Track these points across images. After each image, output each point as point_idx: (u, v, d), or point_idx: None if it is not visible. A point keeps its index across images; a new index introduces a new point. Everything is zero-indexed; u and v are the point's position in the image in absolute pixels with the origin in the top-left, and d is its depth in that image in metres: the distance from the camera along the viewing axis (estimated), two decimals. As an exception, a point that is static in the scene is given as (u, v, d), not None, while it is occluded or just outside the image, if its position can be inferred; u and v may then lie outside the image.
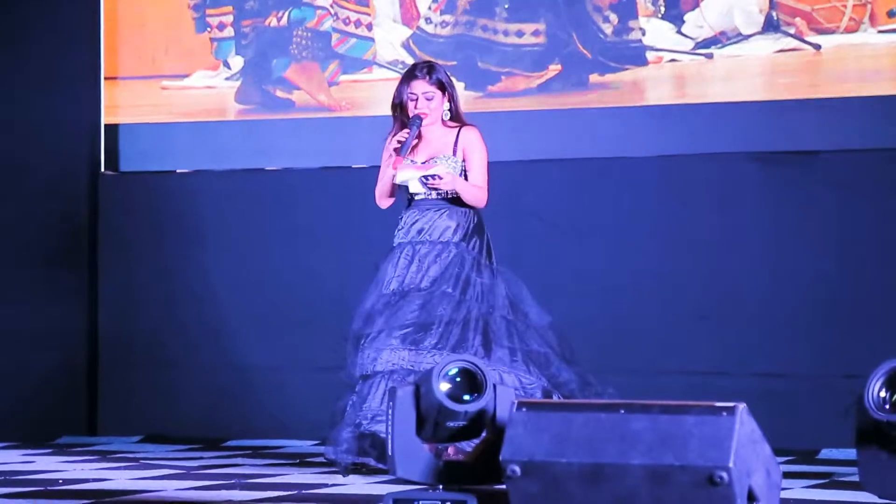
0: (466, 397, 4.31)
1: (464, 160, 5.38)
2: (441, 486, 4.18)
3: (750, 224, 6.59)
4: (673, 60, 6.77)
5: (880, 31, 6.51)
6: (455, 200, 5.40)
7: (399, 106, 5.44)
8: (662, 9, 6.79)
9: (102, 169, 7.47)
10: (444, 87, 5.41)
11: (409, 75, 5.43)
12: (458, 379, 4.34)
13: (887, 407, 4.08)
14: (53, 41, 7.42)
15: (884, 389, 4.09)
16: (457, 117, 5.47)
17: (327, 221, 7.15)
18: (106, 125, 7.47)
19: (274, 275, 7.19)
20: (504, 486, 3.69)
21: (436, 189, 5.34)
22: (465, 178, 5.37)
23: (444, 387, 4.32)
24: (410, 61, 7.11)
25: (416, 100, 5.39)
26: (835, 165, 6.49)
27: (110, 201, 7.45)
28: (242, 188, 7.29)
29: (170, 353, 7.30)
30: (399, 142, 5.37)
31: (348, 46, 7.22)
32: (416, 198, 5.43)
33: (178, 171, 7.43)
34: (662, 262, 6.66)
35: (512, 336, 5.27)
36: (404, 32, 7.14)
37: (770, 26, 6.65)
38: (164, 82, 7.45)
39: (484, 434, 4.29)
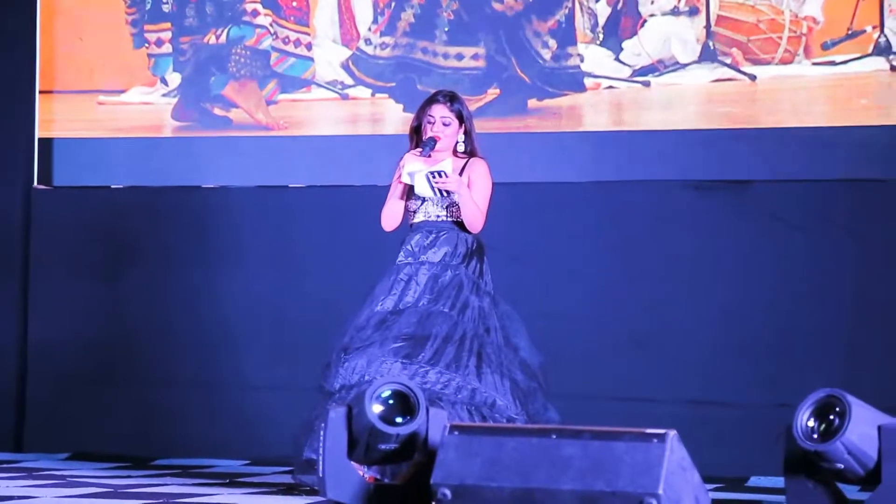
0: (399, 420, 4.30)
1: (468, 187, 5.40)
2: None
3: (684, 251, 6.63)
4: (611, 87, 6.82)
5: (814, 64, 6.59)
6: (457, 224, 5.42)
7: (416, 130, 5.48)
8: (601, 36, 6.84)
9: (35, 183, 7.40)
10: (462, 118, 5.44)
11: (431, 100, 5.48)
12: (391, 401, 4.34)
13: (815, 437, 4.12)
14: (-12, 53, 7.36)
15: (812, 419, 4.13)
16: (470, 153, 5.49)
17: (262, 240, 7.12)
18: (40, 139, 7.40)
19: (206, 291, 7.15)
20: (434, 510, 3.69)
21: (441, 189, 5.32)
22: None
23: (377, 409, 4.31)
24: (350, 82, 7.12)
25: (434, 123, 5.42)
26: (768, 195, 6.55)
27: (43, 216, 7.37)
28: (178, 205, 7.24)
29: (99, 369, 7.23)
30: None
31: (287, 65, 7.21)
32: (417, 219, 5.44)
33: (112, 186, 7.37)
34: (596, 287, 6.69)
35: (502, 364, 5.27)
36: (344, 53, 7.14)
37: (707, 56, 6.71)
38: (101, 97, 7.40)
39: (415, 457, 4.28)
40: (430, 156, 5.39)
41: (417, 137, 5.49)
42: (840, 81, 6.55)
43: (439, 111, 5.44)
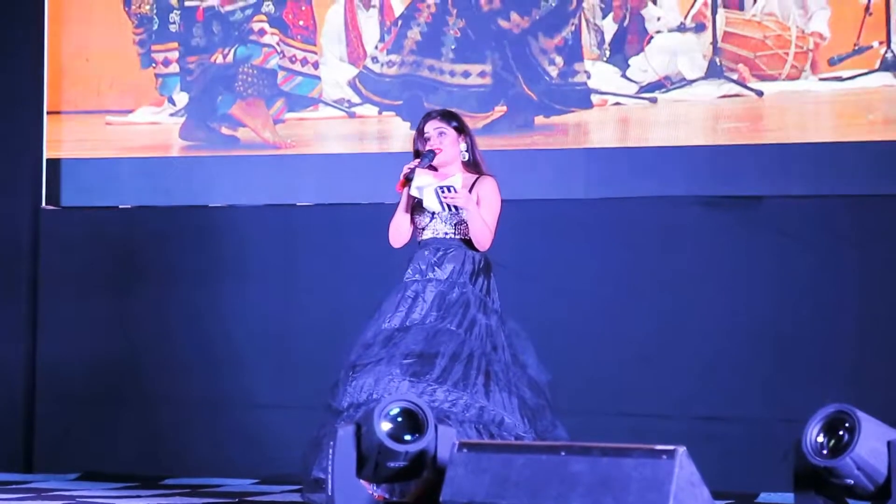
0: (408, 437, 4.30)
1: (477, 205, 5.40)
2: (380, 527, 4.17)
3: (690, 267, 6.63)
4: (617, 104, 6.82)
5: (821, 79, 6.59)
6: (464, 241, 5.43)
7: (417, 153, 5.49)
8: (607, 52, 6.85)
9: (44, 203, 7.41)
10: (460, 129, 5.47)
11: (424, 118, 5.51)
12: (399, 419, 4.34)
13: (825, 452, 4.12)
14: (-4, 74, 7.38)
15: (821, 435, 4.13)
16: (476, 165, 5.50)
17: (269, 258, 7.13)
18: (48, 159, 7.42)
19: (214, 311, 7.16)
20: (443, 528, 3.68)
21: (450, 204, 5.32)
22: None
23: (386, 426, 4.31)
24: (357, 100, 7.13)
25: (430, 139, 5.44)
26: (775, 211, 6.55)
27: (51, 236, 7.39)
28: (186, 224, 7.25)
29: (107, 389, 7.24)
30: (409, 168, 5.38)
31: (294, 84, 7.22)
32: (425, 236, 5.44)
33: (120, 206, 7.38)
34: (604, 304, 6.69)
35: (510, 381, 5.27)
36: (351, 71, 7.15)
37: (713, 72, 6.72)
38: (109, 117, 7.42)
39: (424, 475, 4.28)
40: (432, 166, 5.40)
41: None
42: (847, 97, 6.55)
43: (432, 125, 5.46)
